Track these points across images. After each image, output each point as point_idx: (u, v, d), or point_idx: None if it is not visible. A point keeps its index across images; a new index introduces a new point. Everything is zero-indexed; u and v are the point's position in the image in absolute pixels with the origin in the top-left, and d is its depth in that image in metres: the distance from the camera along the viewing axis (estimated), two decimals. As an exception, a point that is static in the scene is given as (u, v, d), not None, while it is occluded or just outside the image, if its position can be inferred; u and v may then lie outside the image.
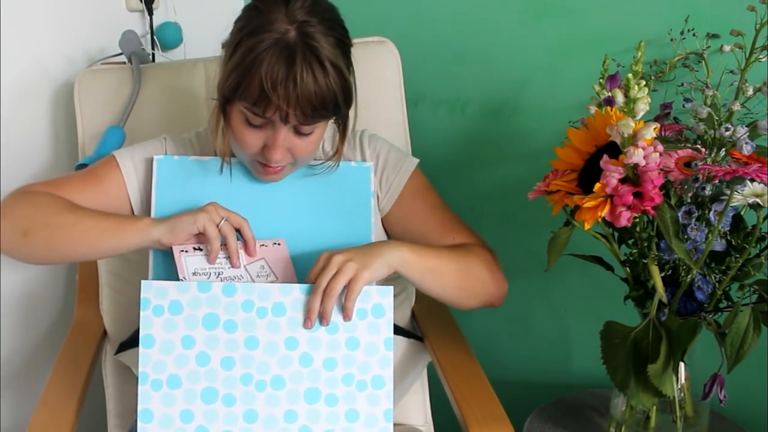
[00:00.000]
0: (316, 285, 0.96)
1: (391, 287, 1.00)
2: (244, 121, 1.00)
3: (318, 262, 0.98)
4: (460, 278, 1.08)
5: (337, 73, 0.96)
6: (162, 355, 0.96)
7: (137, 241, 1.01)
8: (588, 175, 0.98)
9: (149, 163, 1.12)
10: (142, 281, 0.98)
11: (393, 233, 1.18)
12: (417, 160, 1.18)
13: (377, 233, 1.14)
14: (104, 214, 1.05)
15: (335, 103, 0.98)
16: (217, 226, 1.00)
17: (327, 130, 1.14)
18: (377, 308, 0.99)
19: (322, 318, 0.96)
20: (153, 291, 0.97)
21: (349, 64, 1.01)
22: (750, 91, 1.13)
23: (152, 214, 1.08)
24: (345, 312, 0.97)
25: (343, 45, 1.00)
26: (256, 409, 0.95)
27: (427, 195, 1.17)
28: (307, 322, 0.97)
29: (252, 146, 1.02)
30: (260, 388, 0.96)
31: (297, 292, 0.98)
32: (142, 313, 0.97)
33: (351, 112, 1.06)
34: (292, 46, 0.94)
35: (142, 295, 0.97)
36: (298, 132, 1.01)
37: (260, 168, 1.05)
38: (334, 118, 1.05)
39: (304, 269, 1.02)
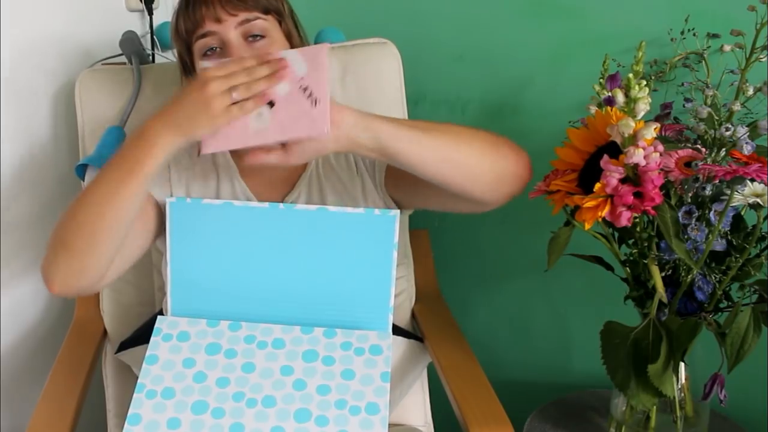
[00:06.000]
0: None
1: (389, 331, 1.04)
2: (202, 56, 1.03)
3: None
4: (452, 149, 0.97)
5: None
6: (162, 371, 1.00)
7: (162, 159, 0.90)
8: (588, 175, 0.98)
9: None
10: (159, 316, 1.06)
11: (396, 193, 1.13)
12: None
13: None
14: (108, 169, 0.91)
15: None
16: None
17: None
18: (375, 348, 1.02)
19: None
20: (166, 323, 1.05)
21: None
22: (750, 91, 1.14)
23: (169, 258, 1.06)
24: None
25: None
26: (243, 423, 0.96)
27: None
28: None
29: None
30: (251, 405, 0.97)
31: (297, 331, 1.04)
32: (152, 338, 1.03)
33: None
34: None
35: (156, 326, 1.05)
36: (248, 38, 1.02)
37: None
38: (273, 15, 1.04)
39: (319, 318, 1.04)
